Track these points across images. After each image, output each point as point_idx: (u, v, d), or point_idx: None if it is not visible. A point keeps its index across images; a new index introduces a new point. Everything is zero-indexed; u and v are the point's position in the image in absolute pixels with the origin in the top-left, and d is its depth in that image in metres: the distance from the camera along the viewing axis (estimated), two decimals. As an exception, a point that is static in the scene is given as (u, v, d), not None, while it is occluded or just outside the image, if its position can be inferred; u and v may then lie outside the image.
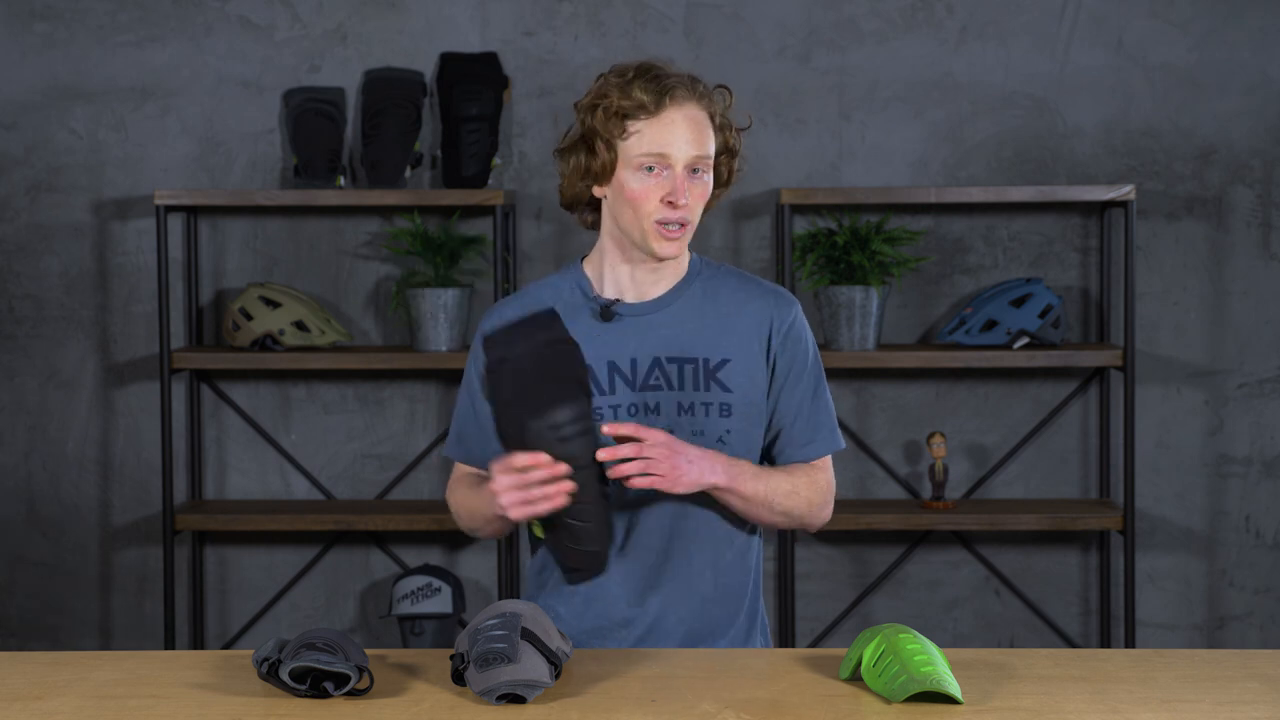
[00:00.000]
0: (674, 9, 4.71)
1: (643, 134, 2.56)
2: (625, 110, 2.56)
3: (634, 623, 2.63)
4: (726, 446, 2.61)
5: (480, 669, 2.22)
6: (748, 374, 2.63)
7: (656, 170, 2.56)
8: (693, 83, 2.60)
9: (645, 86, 2.56)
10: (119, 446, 4.82)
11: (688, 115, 2.57)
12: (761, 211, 4.74)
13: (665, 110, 2.56)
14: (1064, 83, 4.70)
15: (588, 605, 2.64)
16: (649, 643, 2.63)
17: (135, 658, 2.48)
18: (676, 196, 2.55)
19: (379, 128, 4.64)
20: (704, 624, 2.65)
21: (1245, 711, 2.21)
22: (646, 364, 2.62)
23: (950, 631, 4.78)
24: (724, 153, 2.63)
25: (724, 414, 2.61)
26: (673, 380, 2.61)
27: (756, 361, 2.64)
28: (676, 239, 2.58)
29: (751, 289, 2.68)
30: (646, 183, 2.57)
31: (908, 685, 2.21)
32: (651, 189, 2.56)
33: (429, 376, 4.81)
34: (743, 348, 2.64)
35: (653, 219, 2.57)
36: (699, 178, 2.59)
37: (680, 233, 2.58)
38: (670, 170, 2.56)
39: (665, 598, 2.63)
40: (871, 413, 4.78)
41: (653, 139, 2.56)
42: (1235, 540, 4.77)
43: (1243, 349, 4.74)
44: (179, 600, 4.79)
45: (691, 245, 2.74)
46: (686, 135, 2.56)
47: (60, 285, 4.80)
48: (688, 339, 2.63)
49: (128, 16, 4.75)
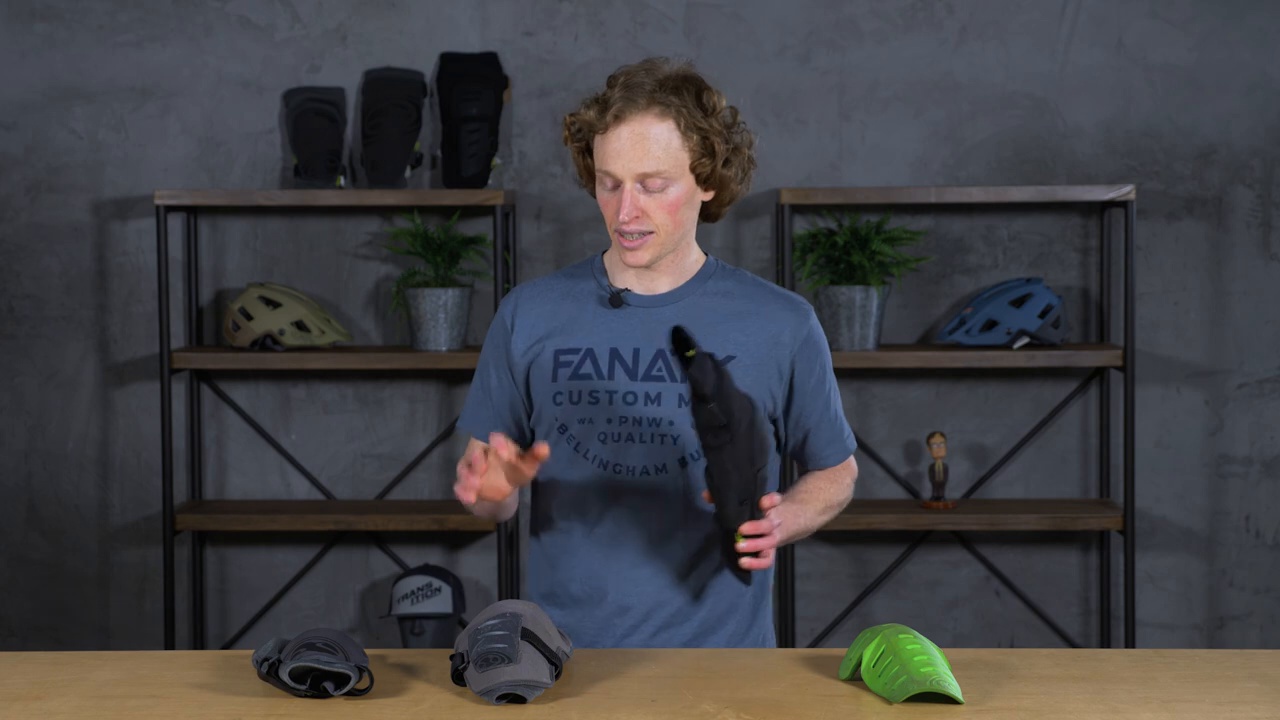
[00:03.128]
0: (674, 9, 4.71)
1: (598, 150, 2.60)
2: (580, 126, 2.61)
3: (633, 609, 2.64)
4: None
5: (480, 669, 2.22)
6: (753, 373, 2.64)
7: (613, 185, 2.60)
8: (657, 91, 2.56)
9: (598, 105, 2.59)
10: (119, 446, 4.82)
11: (635, 132, 2.56)
12: (761, 211, 4.74)
13: (611, 128, 2.57)
14: (1064, 83, 4.70)
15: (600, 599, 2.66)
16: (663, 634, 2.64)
17: (135, 658, 2.48)
18: (622, 212, 2.59)
19: (379, 128, 4.64)
20: (703, 611, 2.67)
21: (1245, 711, 2.21)
22: (650, 355, 2.64)
23: (950, 631, 4.78)
24: (704, 156, 2.60)
25: None
26: (676, 373, 2.63)
27: (766, 364, 2.66)
28: (637, 248, 2.61)
29: (769, 294, 2.71)
30: (606, 194, 2.62)
31: (908, 686, 2.21)
32: (610, 200, 2.61)
33: (429, 376, 4.81)
34: (752, 348, 2.66)
35: (614, 229, 2.62)
36: (656, 193, 2.59)
37: (640, 242, 2.61)
38: (620, 185, 2.59)
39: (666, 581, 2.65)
40: (871, 413, 4.78)
41: (602, 157, 2.59)
42: (1235, 540, 4.77)
43: (1243, 349, 4.74)
44: (179, 600, 4.79)
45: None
46: (631, 152, 2.56)
47: (60, 285, 4.80)
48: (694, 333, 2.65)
49: (128, 16, 4.75)
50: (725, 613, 2.69)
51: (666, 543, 2.65)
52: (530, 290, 2.73)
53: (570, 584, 2.68)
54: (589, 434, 2.63)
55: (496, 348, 2.72)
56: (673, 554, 2.65)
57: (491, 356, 2.73)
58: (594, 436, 2.63)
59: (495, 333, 2.74)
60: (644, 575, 2.65)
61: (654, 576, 2.65)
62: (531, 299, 2.72)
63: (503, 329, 2.72)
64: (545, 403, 2.67)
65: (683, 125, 2.58)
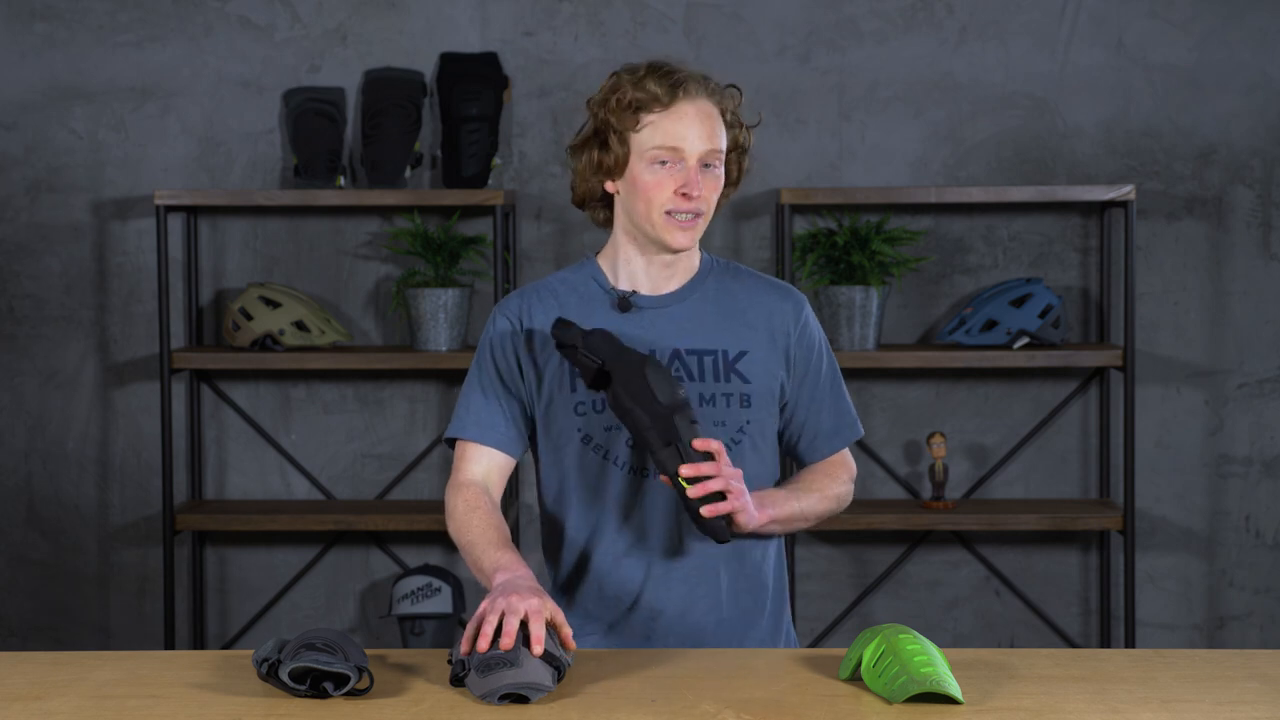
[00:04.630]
0: (674, 9, 4.71)
1: (656, 126, 2.58)
2: (638, 102, 2.58)
3: (665, 613, 2.63)
4: (747, 436, 2.64)
5: (482, 674, 2.22)
6: (764, 366, 2.65)
7: (670, 163, 2.58)
8: (704, 79, 2.61)
9: (658, 80, 2.58)
10: (119, 446, 4.82)
11: (700, 109, 2.58)
12: (761, 211, 4.74)
13: (678, 103, 2.57)
14: (1064, 83, 4.70)
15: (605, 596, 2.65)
16: (672, 633, 2.64)
17: (135, 658, 2.48)
18: (690, 188, 2.57)
19: (379, 128, 4.64)
20: (732, 614, 2.65)
21: (1245, 711, 2.21)
22: (666, 355, 2.63)
23: (950, 631, 4.78)
24: (734, 150, 2.65)
25: (744, 405, 2.64)
26: (693, 372, 2.62)
27: (772, 355, 2.66)
28: (689, 229, 2.60)
29: (764, 285, 2.71)
30: (659, 173, 2.58)
31: (908, 686, 2.21)
32: (665, 178, 2.58)
33: (429, 376, 4.81)
34: (759, 341, 2.66)
35: (664, 209, 2.59)
36: (711, 171, 2.60)
37: (693, 223, 2.60)
38: (683, 163, 2.58)
39: (685, 585, 2.64)
40: (871, 413, 4.78)
41: (666, 132, 2.57)
42: (1235, 540, 4.77)
43: (1243, 349, 4.74)
44: (179, 600, 4.79)
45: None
46: (699, 129, 2.58)
47: (60, 285, 4.80)
48: (706, 331, 2.65)
49: (128, 16, 4.75)
50: (754, 615, 2.67)
51: (695, 543, 2.63)
52: (535, 295, 2.68)
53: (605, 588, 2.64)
54: (616, 440, 2.61)
55: (505, 354, 2.66)
56: (700, 555, 2.64)
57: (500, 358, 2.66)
58: (621, 442, 2.61)
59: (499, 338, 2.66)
60: (676, 579, 2.63)
61: (685, 579, 2.63)
62: (540, 301, 2.67)
63: (510, 332, 2.65)
64: (563, 413, 2.63)
65: (727, 116, 2.62)
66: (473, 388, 2.68)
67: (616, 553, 2.63)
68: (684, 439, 2.46)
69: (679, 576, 2.63)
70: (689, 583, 2.63)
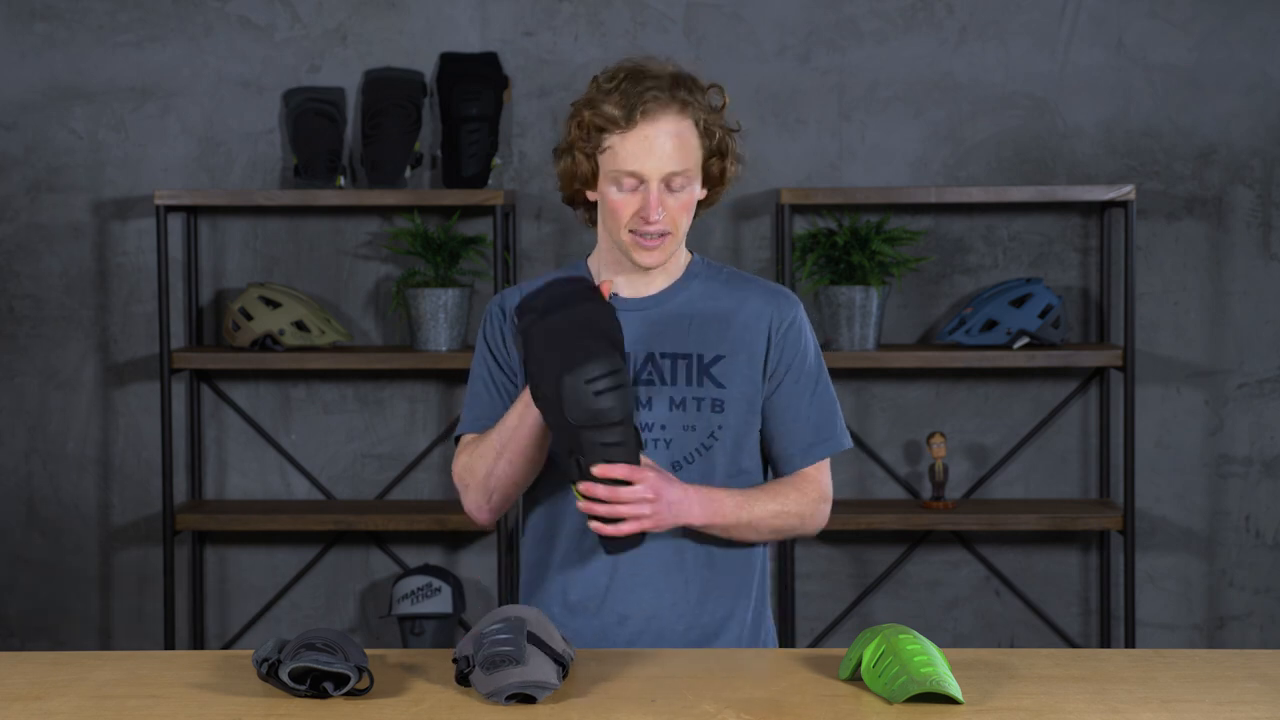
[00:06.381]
0: (674, 9, 4.71)
1: (615, 150, 2.54)
2: (598, 124, 2.55)
3: (632, 617, 2.63)
4: (719, 442, 2.61)
5: (487, 672, 2.22)
6: (743, 372, 2.62)
7: (631, 185, 2.55)
8: (674, 88, 2.55)
9: (619, 101, 2.53)
10: (119, 446, 4.82)
11: (661, 129, 2.53)
12: (761, 211, 4.74)
13: (637, 126, 2.53)
14: (1064, 83, 4.70)
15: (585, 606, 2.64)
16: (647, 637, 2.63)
17: (135, 658, 2.48)
18: (649, 213, 2.54)
19: (379, 128, 4.64)
20: (701, 618, 2.64)
21: (1245, 711, 2.21)
22: (640, 358, 2.61)
23: (950, 631, 4.78)
24: (714, 155, 2.60)
25: (716, 410, 2.61)
26: (665, 375, 2.61)
27: (754, 360, 2.63)
28: (654, 249, 2.57)
29: (752, 288, 2.68)
30: (622, 195, 2.55)
31: (908, 686, 2.21)
32: (628, 199, 2.55)
33: (429, 376, 4.81)
34: (740, 346, 2.63)
35: (629, 229, 2.56)
36: (678, 192, 2.56)
37: (659, 242, 2.57)
38: (645, 185, 2.54)
39: (661, 590, 2.63)
40: (871, 413, 4.78)
41: (625, 156, 2.54)
42: (1235, 540, 4.77)
43: (1243, 349, 4.74)
44: (179, 600, 4.79)
45: (692, 245, 2.74)
46: (660, 151, 2.53)
47: (60, 285, 4.80)
48: (682, 335, 2.63)
49: (128, 16, 4.75)
50: (724, 619, 2.66)
51: (663, 549, 2.62)
52: (523, 293, 2.67)
53: (569, 592, 2.64)
54: None
55: (499, 346, 2.67)
56: (671, 561, 2.63)
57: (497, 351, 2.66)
58: None
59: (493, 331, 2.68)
60: (641, 582, 2.62)
61: (651, 583, 2.62)
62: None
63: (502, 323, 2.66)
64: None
65: (700, 124, 2.57)
66: (477, 383, 2.69)
67: (583, 550, 2.62)
68: (587, 456, 2.43)
69: (644, 580, 2.62)
70: (655, 586, 2.62)
